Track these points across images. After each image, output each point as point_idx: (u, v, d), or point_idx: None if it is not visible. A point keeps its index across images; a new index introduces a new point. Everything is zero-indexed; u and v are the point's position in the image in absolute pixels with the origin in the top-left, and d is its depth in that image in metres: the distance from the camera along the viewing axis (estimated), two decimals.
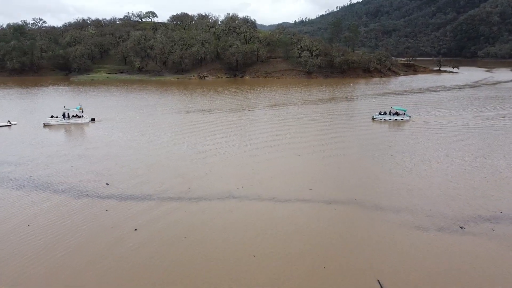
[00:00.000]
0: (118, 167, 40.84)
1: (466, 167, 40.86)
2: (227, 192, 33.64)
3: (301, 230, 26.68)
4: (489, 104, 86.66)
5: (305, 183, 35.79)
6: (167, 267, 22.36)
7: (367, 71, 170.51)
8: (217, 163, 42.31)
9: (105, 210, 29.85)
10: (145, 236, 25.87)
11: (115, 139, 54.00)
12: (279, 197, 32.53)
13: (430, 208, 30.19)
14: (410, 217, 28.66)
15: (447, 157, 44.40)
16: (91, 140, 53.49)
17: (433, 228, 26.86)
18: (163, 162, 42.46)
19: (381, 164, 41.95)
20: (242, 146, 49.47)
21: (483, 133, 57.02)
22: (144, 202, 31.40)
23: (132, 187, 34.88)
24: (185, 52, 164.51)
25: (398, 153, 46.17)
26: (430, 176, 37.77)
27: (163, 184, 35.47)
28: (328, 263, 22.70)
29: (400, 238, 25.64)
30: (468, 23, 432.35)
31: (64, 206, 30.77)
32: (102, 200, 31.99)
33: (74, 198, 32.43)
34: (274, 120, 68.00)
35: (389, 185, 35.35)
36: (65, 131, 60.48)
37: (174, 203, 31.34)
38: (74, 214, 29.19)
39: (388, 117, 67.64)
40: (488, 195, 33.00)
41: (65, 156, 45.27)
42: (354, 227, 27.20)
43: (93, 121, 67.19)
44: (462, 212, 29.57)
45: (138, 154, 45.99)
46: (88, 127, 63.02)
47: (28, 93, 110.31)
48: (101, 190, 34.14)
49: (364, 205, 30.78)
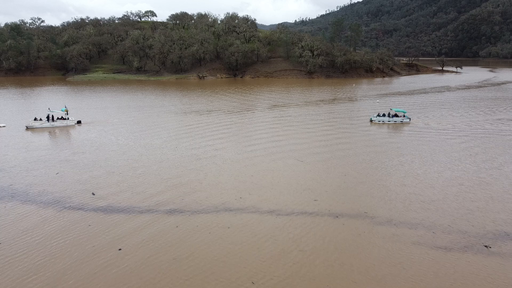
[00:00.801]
0: (106, 174, 37.80)
1: (482, 175, 37.80)
2: (224, 203, 30.62)
3: (305, 250, 23.68)
4: (497, 105, 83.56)
5: (309, 193, 32.78)
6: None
7: (369, 71, 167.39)
8: (213, 170, 39.27)
9: (88, 226, 26.84)
10: (129, 258, 22.85)
11: (103, 143, 50.80)
12: (281, 209, 29.52)
13: (449, 223, 27.17)
14: (428, 234, 25.64)
15: (459, 163, 41.36)
16: (77, 144, 50.18)
17: (455, 248, 23.84)
18: (154, 169, 39.43)
19: (389, 171, 38.94)
20: (240, 152, 46.39)
21: (496, 137, 53.93)
22: (132, 216, 28.37)
23: (120, 197, 31.84)
24: (184, 52, 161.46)
25: (406, 159, 43.14)
26: (444, 185, 34.72)
27: (154, 195, 32.42)
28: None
29: (418, 259, 22.63)
30: (470, 22, 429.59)
31: (40, 219, 27.74)
32: (86, 213, 28.97)
33: (57, 210, 29.41)
34: (274, 122, 64.97)
35: (400, 195, 32.34)
36: (49, 135, 56.98)
37: (165, 216, 28.31)
38: (49, 229, 26.16)
39: (387, 119, 64.50)
40: (511, 208, 29.98)
41: (50, 161, 42.21)
42: (366, 246, 24.18)
43: (79, 123, 63.34)
44: (484, 228, 26.55)
45: (129, 159, 42.94)
46: (74, 130, 59.50)
47: (21, 93, 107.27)
48: (86, 201, 31.13)
49: (375, 219, 27.76)
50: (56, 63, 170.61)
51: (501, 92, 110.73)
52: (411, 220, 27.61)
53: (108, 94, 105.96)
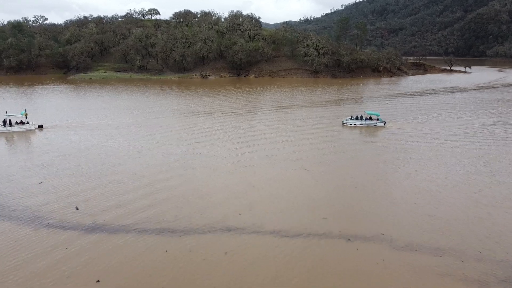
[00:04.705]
0: (68, 185, 34.57)
1: (504, 190, 33.93)
2: (221, 221, 27.20)
3: (315, 284, 20.28)
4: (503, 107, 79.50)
5: (317, 209, 29.29)
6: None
7: (376, 70, 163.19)
8: (209, 180, 35.80)
9: (65, 249, 23.57)
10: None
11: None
12: (285, 229, 26.08)
13: (479, 248, 23.63)
14: (458, 262, 22.09)
15: (477, 176, 37.60)
16: (36, 152, 45.93)
17: (493, 282, 20.32)
18: (145, 180, 35.87)
19: (402, 183, 35.39)
20: (240, 159, 42.77)
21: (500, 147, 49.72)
22: (115, 237, 25.04)
23: (105, 213, 28.45)
24: (187, 50, 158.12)
25: (416, 170, 39.52)
26: (464, 203, 30.75)
27: (142, 210, 28.97)
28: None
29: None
30: (476, 21, 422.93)
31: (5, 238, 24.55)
32: (65, 232, 25.69)
33: (33, 228, 26.18)
34: (278, 126, 61.38)
35: (418, 213, 28.75)
36: (6, 141, 51.80)
37: (153, 237, 24.96)
38: (16, 253, 22.95)
39: (359, 122, 61.13)
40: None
41: (29, 169, 39.06)
42: (386, 279, 20.72)
43: (40, 128, 57.73)
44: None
45: (102, 168, 39.63)
46: (34, 136, 54.27)
47: (15, 92, 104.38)
48: (67, 217, 27.85)
49: (393, 243, 24.26)
50: (57, 61, 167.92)
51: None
52: (434, 244, 24.09)
53: (103, 94, 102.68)
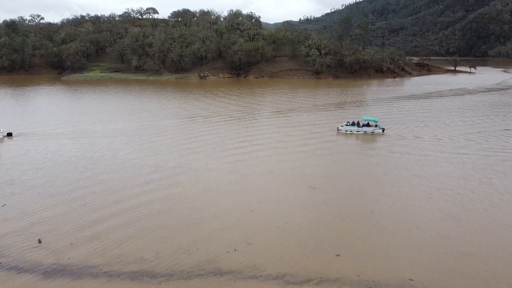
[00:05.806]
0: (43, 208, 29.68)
1: None
2: (212, 261, 22.28)
3: None
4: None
5: (329, 243, 24.39)
6: None
7: (380, 71, 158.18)
8: (200, 204, 30.57)
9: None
10: None
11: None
12: (291, 272, 21.20)
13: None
14: None
15: (510, 196, 32.96)
16: (14, 162, 41.37)
17: None
18: (124, 203, 30.72)
19: (423, 207, 30.54)
20: (237, 175, 37.61)
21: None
22: (80, 284, 20.17)
23: (72, 249, 23.56)
24: (185, 50, 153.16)
25: (432, 191, 34.75)
26: (499, 233, 25.99)
27: (117, 244, 24.01)
28: None
29: None
30: (478, 21, 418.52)
31: None
32: (18, 277, 20.83)
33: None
34: (279, 132, 56.34)
35: (450, 251, 23.90)
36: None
37: (129, 285, 20.13)
38: None
39: (355, 129, 56.71)
40: None
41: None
42: None
43: (9, 136, 52.89)
44: None
45: (91, 187, 34.78)
46: (2, 145, 48.96)
47: (1, 93, 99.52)
48: (26, 254, 23.00)
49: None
50: (52, 61, 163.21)
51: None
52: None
53: (96, 96, 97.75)
